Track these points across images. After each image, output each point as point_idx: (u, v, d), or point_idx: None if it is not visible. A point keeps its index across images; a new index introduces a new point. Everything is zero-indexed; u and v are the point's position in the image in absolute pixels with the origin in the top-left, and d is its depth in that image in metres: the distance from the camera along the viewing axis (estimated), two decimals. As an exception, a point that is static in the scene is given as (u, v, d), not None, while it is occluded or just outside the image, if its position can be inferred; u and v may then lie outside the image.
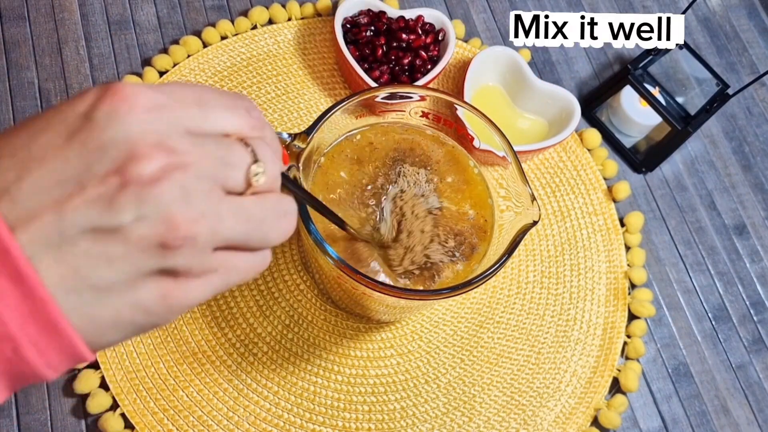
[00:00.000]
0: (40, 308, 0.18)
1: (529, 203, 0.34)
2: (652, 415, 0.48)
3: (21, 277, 0.18)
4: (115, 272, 0.19)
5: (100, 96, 0.20)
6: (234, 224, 0.21)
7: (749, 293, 0.54)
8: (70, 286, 0.19)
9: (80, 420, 0.42)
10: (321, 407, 0.44)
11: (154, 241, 0.19)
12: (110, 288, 0.19)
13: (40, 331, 0.19)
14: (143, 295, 0.20)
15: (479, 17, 0.59)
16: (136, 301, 0.20)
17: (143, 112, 0.20)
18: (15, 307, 0.18)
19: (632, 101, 0.54)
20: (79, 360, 0.20)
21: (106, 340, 0.20)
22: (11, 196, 0.19)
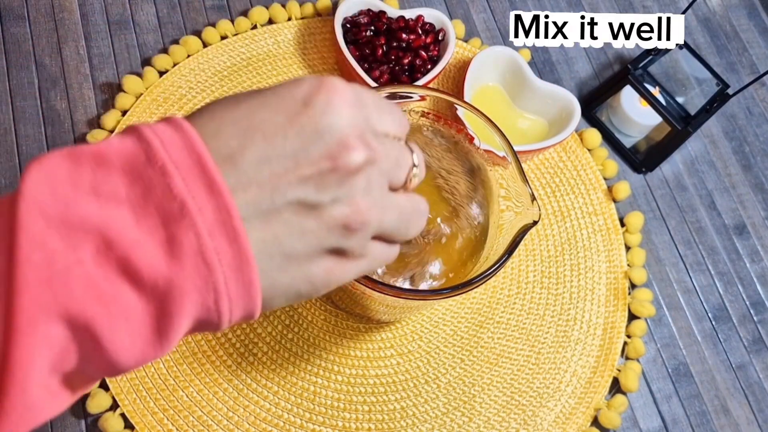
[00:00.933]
0: (244, 267, 0.20)
1: (529, 203, 0.34)
2: (652, 415, 0.48)
3: (236, 237, 0.20)
4: (303, 244, 0.22)
5: (317, 86, 0.22)
6: (392, 218, 0.24)
7: (749, 293, 0.54)
8: (267, 250, 0.21)
9: (80, 420, 0.42)
10: (321, 407, 0.44)
11: (341, 223, 0.22)
12: (295, 258, 0.22)
13: (238, 287, 0.20)
14: (315, 268, 0.23)
15: (479, 17, 0.59)
16: (308, 273, 0.23)
17: (350, 107, 0.22)
18: (227, 264, 0.20)
19: (632, 101, 0.54)
20: (248, 319, 0.22)
21: (271, 304, 0.23)
22: (234, 162, 0.20)
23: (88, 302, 0.18)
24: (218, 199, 0.19)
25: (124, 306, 0.19)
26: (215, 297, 0.20)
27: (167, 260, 0.19)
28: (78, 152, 0.19)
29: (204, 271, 0.19)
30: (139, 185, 0.19)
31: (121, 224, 0.19)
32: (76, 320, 0.18)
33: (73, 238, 0.18)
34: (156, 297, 0.19)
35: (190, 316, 0.20)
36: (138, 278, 0.19)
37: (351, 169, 0.22)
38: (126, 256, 0.18)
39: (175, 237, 0.19)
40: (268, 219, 0.21)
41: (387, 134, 0.25)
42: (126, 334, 0.19)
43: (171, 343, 0.20)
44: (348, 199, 0.22)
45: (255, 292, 0.21)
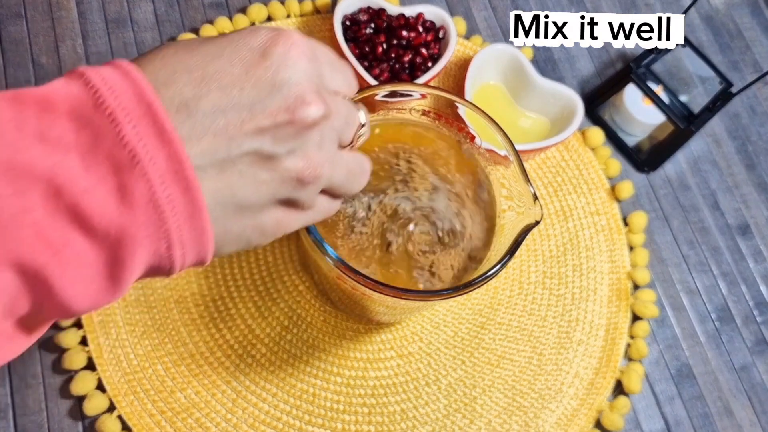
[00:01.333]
0: (196, 215, 0.20)
1: (531, 203, 0.34)
2: (655, 417, 0.48)
3: (189, 186, 0.20)
4: (257, 195, 0.22)
5: (274, 37, 0.22)
6: (340, 173, 0.25)
7: (753, 294, 0.53)
8: (221, 199, 0.21)
9: (77, 422, 0.42)
10: (320, 409, 0.43)
11: (294, 175, 0.23)
12: (248, 208, 0.22)
13: (191, 234, 0.21)
14: (266, 218, 0.23)
15: (480, 14, 0.58)
16: (260, 222, 0.23)
17: (307, 61, 0.23)
18: (180, 212, 0.20)
19: (635, 100, 0.53)
20: (200, 264, 0.22)
21: (222, 251, 0.23)
22: (189, 111, 0.20)
23: (39, 250, 0.18)
24: (170, 148, 0.19)
25: (76, 253, 0.18)
26: (168, 245, 0.20)
27: (119, 208, 0.19)
28: (21, 96, 0.19)
29: (156, 219, 0.19)
30: (87, 132, 0.19)
31: (70, 171, 0.18)
32: (26, 268, 0.18)
33: (20, 184, 0.18)
34: (108, 245, 0.19)
35: (143, 262, 0.20)
36: (89, 226, 0.18)
37: (307, 123, 0.22)
38: (76, 203, 0.18)
39: (126, 185, 0.19)
40: (223, 169, 0.21)
41: (337, 92, 0.25)
42: (78, 281, 0.19)
43: (123, 289, 0.20)
44: (302, 152, 0.23)
45: (207, 240, 0.21)
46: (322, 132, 0.23)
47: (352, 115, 0.26)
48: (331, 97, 0.24)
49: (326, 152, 0.24)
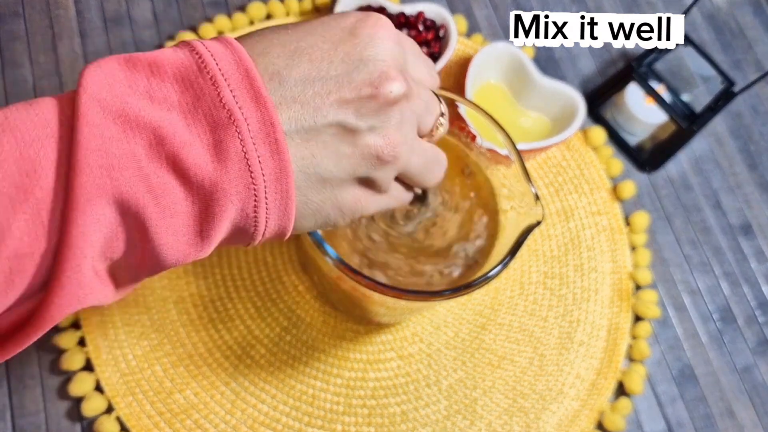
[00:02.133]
0: (283, 178, 0.21)
1: (532, 203, 0.34)
2: (657, 418, 0.48)
3: (278, 148, 0.21)
4: (338, 168, 0.23)
5: (364, 19, 0.23)
6: (417, 160, 0.26)
7: (755, 294, 0.53)
8: (305, 168, 0.22)
9: (75, 423, 0.42)
10: (320, 410, 0.43)
11: (374, 152, 0.23)
12: (329, 180, 0.23)
13: (276, 197, 0.21)
14: (345, 194, 0.24)
15: (481, 13, 0.58)
16: (339, 197, 0.24)
17: (393, 43, 0.23)
18: (268, 172, 0.21)
19: (637, 99, 0.53)
20: (280, 235, 0.23)
21: (301, 224, 0.24)
22: (280, 79, 0.22)
23: (140, 191, 0.19)
24: (263, 112, 0.21)
25: (172, 201, 0.20)
26: (255, 203, 0.21)
27: (213, 162, 0.20)
28: (134, 59, 0.20)
29: (247, 176, 0.20)
30: (190, 93, 0.20)
31: (172, 125, 0.20)
32: (128, 206, 0.19)
33: (128, 131, 0.19)
34: (201, 197, 0.20)
35: (230, 219, 0.21)
36: (186, 176, 0.20)
37: (390, 99, 0.23)
38: (176, 153, 0.20)
39: (221, 142, 0.20)
40: (308, 137, 0.22)
41: (420, 81, 0.25)
42: (171, 230, 0.20)
43: (210, 245, 0.21)
44: (383, 130, 0.23)
45: (291, 205, 0.22)
46: (403, 112, 0.24)
47: (433, 103, 0.26)
48: (413, 81, 0.24)
49: (405, 134, 0.24)
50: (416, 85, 0.25)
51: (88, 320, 0.43)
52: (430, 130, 0.27)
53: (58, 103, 0.19)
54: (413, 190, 0.28)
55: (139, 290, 0.44)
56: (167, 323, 0.44)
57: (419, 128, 0.26)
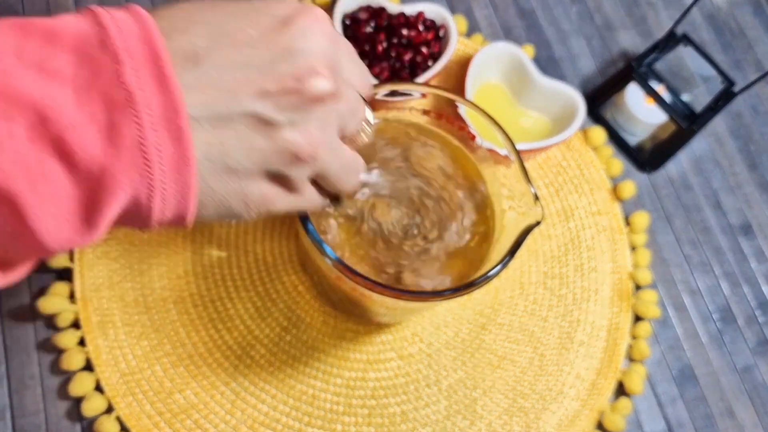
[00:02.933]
0: (183, 168, 0.20)
1: (532, 203, 0.34)
2: (657, 418, 0.48)
3: (180, 136, 0.19)
4: (248, 160, 0.22)
5: (301, 10, 0.22)
6: (335, 163, 0.25)
7: (755, 294, 0.53)
8: (211, 156, 0.21)
9: (75, 423, 0.42)
10: (320, 411, 0.43)
11: (291, 148, 0.22)
12: (236, 171, 0.22)
13: (174, 187, 0.20)
14: (253, 188, 0.23)
15: (481, 13, 0.58)
16: (245, 191, 0.22)
17: (328, 40, 0.22)
18: (167, 161, 0.19)
19: (637, 99, 0.53)
20: (179, 223, 0.22)
21: (202, 213, 0.22)
22: (197, 61, 0.20)
23: (15, 176, 0.17)
24: (167, 95, 0.19)
25: (53, 187, 0.18)
26: (149, 193, 0.20)
27: (104, 147, 0.18)
28: (29, 25, 0.19)
29: (141, 165, 0.19)
30: (87, 68, 0.18)
31: (60, 103, 0.18)
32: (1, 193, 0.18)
33: (8, 110, 0.17)
34: (88, 183, 0.19)
35: (120, 207, 0.20)
36: (71, 161, 0.18)
37: (314, 96, 0.22)
38: (61, 136, 0.18)
39: (116, 125, 0.18)
40: (219, 125, 0.21)
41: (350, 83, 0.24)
42: (52, 217, 0.19)
43: (97, 232, 0.20)
44: (303, 127, 0.22)
45: (190, 196, 0.21)
46: (326, 112, 0.23)
47: (359, 107, 0.25)
48: (342, 82, 0.23)
49: (326, 135, 0.23)
50: (344, 86, 0.23)
51: (88, 320, 0.43)
52: (352, 135, 0.26)
53: None
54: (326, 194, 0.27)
55: (139, 290, 0.44)
56: (167, 323, 0.44)
57: (342, 131, 0.25)
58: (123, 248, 0.45)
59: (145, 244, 0.45)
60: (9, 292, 0.44)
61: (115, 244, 0.45)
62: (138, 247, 0.45)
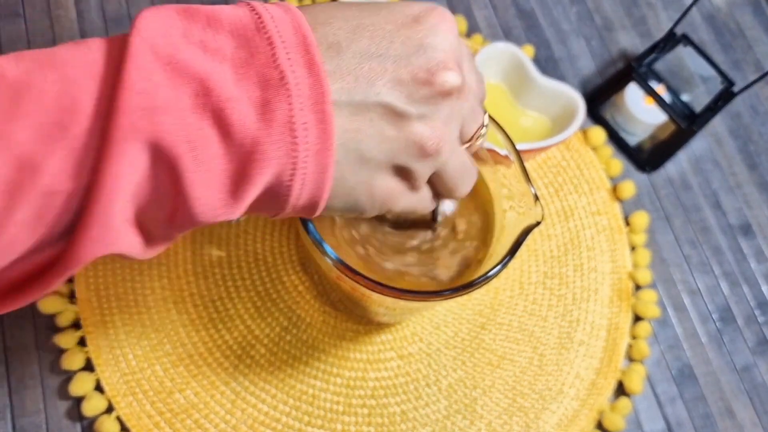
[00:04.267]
0: (324, 149, 0.21)
1: (531, 203, 0.34)
2: (656, 417, 0.48)
3: (324, 118, 0.21)
4: (378, 151, 0.22)
5: (430, 9, 0.23)
6: (455, 163, 0.25)
7: (755, 294, 0.53)
8: (347, 141, 0.22)
9: (75, 423, 0.42)
10: (320, 410, 0.43)
11: (419, 140, 0.23)
12: (367, 161, 0.22)
13: (315, 166, 0.21)
14: (380, 182, 0.23)
15: (480, 13, 0.58)
16: (373, 183, 0.23)
17: (455, 39, 0.23)
18: (311, 141, 0.20)
19: (636, 99, 0.53)
20: (309, 211, 0.23)
21: (331, 204, 0.23)
22: (338, 50, 0.22)
23: (179, 140, 0.19)
24: (315, 79, 0.20)
25: (210, 155, 0.20)
26: (292, 171, 0.21)
27: (258, 121, 0.20)
28: (193, 9, 0.20)
29: (289, 141, 0.20)
30: (244, 49, 0.20)
31: (221, 78, 0.19)
32: (164, 153, 0.19)
33: (176, 78, 0.19)
34: (240, 156, 0.20)
35: (265, 183, 0.21)
36: (228, 132, 0.20)
37: (444, 90, 0.22)
38: (221, 107, 0.19)
39: (269, 103, 0.20)
40: (356, 111, 0.22)
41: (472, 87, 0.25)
42: (204, 184, 0.20)
43: (241, 206, 0.21)
44: (431, 121, 0.23)
45: (327, 178, 0.22)
46: (452, 109, 0.23)
47: (479, 111, 0.26)
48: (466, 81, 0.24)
49: (450, 132, 0.24)
50: (469, 86, 0.24)
51: (89, 320, 0.43)
52: (470, 138, 0.26)
53: (108, 45, 0.19)
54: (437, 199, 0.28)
55: (139, 290, 0.44)
56: (167, 323, 0.44)
57: (462, 133, 0.25)
58: (123, 248, 0.45)
59: (145, 244, 0.45)
60: (9, 292, 0.44)
61: (115, 244, 0.45)
62: (138, 247, 0.45)
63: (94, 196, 0.18)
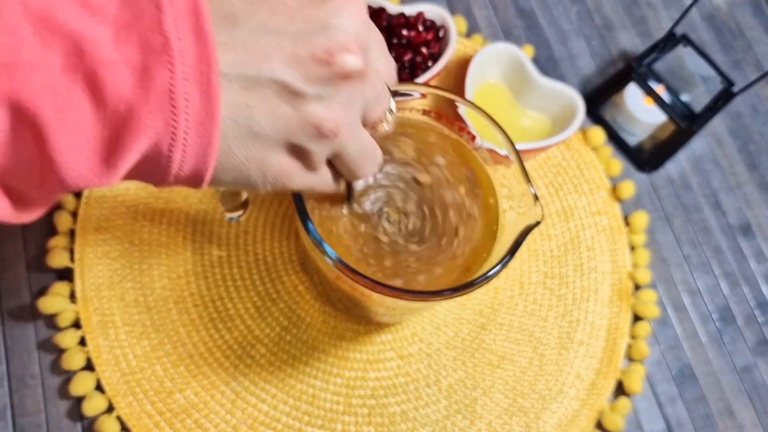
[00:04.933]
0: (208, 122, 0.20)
1: (531, 203, 0.34)
2: (656, 418, 0.48)
3: (209, 90, 0.20)
4: (271, 127, 0.22)
5: None
6: (355, 147, 0.25)
7: (755, 294, 0.53)
8: (236, 117, 0.21)
9: (76, 422, 0.42)
10: (320, 410, 0.43)
11: (314, 121, 0.22)
12: (259, 137, 0.22)
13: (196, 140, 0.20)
14: (272, 160, 0.23)
15: (481, 13, 0.58)
16: (265, 160, 0.23)
17: (362, 23, 0.23)
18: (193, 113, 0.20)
19: (636, 99, 0.53)
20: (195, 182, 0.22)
21: (219, 176, 0.23)
22: (234, 21, 0.21)
23: (44, 101, 0.18)
24: (203, 48, 0.19)
25: (79, 119, 0.19)
26: (171, 142, 0.20)
27: (135, 88, 0.19)
28: None
29: (168, 111, 0.19)
30: (129, 10, 0.19)
31: (99, 39, 0.18)
32: (26, 113, 0.18)
33: (47, 36, 0.18)
34: (113, 122, 0.19)
35: (141, 152, 0.20)
36: (100, 96, 0.18)
37: (343, 72, 0.22)
38: (94, 70, 0.18)
39: (149, 69, 0.19)
40: (248, 86, 0.21)
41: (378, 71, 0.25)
42: (73, 148, 0.19)
43: (115, 175, 0.20)
44: (329, 103, 0.22)
45: (211, 152, 0.21)
46: (353, 92, 0.23)
47: (384, 95, 0.25)
48: (371, 66, 0.23)
49: (350, 115, 0.23)
50: (372, 71, 0.24)
51: (89, 320, 0.43)
52: (374, 122, 0.26)
53: None
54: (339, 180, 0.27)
55: (139, 290, 0.44)
56: (167, 323, 0.44)
57: (365, 117, 0.25)
58: (123, 248, 0.45)
59: (145, 244, 0.45)
60: (10, 292, 0.44)
61: (115, 243, 0.45)
62: (138, 247, 0.45)
63: None
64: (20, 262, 0.44)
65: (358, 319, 0.46)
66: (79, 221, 0.45)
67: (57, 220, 0.45)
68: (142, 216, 0.46)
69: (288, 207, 0.48)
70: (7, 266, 0.44)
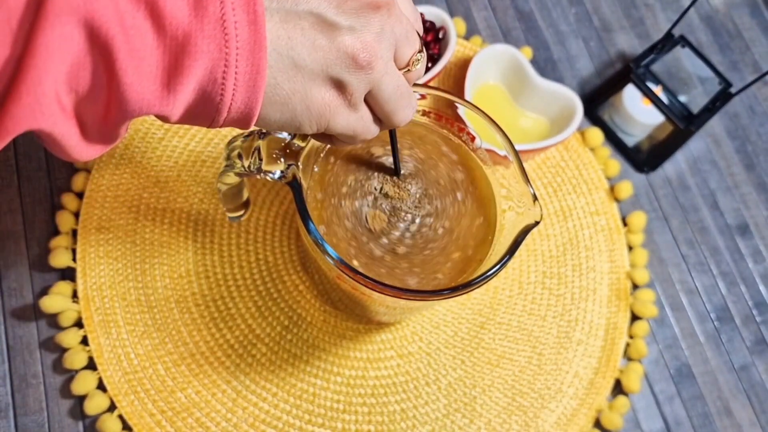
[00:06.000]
0: (256, 50, 0.21)
1: (530, 203, 0.34)
2: (654, 416, 0.48)
3: (256, 19, 0.21)
4: (311, 59, 0.23)
5: None
6: (390, 84, 0.25)
7: (752, 293, 0.53)
8: (280, 49, 0.22)
9: (78, 421, 0.42)
10: (320, 409, 0.44)
11: (350, 51, 0.23)
12: (300, 69, 0.23)
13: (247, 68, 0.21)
14: (315, 92, 0.24)
15: (480, 14, 0.58)
16: (309, 93, 0.24)
17: None
18: (242, 41, 0.21)
19: (635, 100, 0.54)
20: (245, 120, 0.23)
21: (266, 113, 0.24)
22: None
23: (113, 24, 0.19)
24: None
25: (143, 44, 0.20)
26: (225, 68, 0.21)
27: (190, 16, 0.20)
28: None
29: (221, 38, 0.21)
30: None
31: None
32: (98, 35, 0.19)
33: None
34: (172, 47, 0.20)
35: (198, 79, 0.21)
36: (161, 23, 0.20)
37: (372, 3, 0.23)
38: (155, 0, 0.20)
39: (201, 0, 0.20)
40: (287, 19, 0.22)
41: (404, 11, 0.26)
42: (137, 72, 0.20)
43: (175, 101, 0.21)
44: (361, 34, 0.23)
45: (260, 81, 0.22)
46: (383, 26, 0.24)
47: (414, 36, 0.26)
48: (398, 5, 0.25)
49: (383, 49, 0.24)
50: (400, 10, 0.25)
51: (91, 319, 0.43)
52: (406, 63, 0.27)
53: None
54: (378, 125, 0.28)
55: (141, 290, 0.44)
56: (169, 322, 0.44)
57: (396, 56, 0.26)
58: (125, 248, 0.45)
59: (147, 244, 0.46)
60: (12, 292, 0.44)
61: (117, 243, 0.45)
62: (140, 247, 0.45)
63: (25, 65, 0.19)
64: (23, 262, 0.45)
65: (359, 318, 0.46)
66: (81, 221, 0.45)
67: (59, 220, 0.45)
68: (144, 216, 0.46)
69: (288, 207, 0.48)
70: (9, 266, 0.45)
